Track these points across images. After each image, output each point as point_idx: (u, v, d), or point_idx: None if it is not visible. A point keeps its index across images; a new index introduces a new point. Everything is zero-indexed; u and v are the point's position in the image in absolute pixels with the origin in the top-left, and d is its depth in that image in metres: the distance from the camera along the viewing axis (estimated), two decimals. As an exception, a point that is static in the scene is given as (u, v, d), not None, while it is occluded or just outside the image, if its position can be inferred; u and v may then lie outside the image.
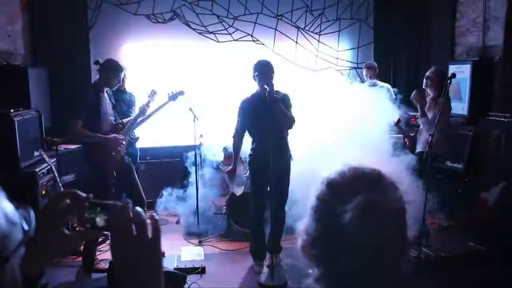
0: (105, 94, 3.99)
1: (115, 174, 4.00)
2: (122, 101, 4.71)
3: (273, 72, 3.94)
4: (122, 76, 4.20)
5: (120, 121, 4.10)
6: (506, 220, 4.22)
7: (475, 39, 5.58)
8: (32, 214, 0.73)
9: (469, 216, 4.80)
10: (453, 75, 4.03)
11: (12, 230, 0.67)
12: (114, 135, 3.96)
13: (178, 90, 4.45)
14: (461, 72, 5.28)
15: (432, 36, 6.37)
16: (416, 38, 6.61)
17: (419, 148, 4.51)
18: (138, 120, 4.24)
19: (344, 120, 4.74)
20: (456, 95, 5.53)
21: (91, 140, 3.87)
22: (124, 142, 4.03)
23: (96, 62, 3.97)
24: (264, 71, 3.92)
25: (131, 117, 4.28)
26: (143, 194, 4.27)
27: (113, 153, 3.94)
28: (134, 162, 4.79)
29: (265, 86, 3.78)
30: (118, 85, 4.17)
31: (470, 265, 4.00)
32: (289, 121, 3.96)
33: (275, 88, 3.89)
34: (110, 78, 3.93)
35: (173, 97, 4.43)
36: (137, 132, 4.66)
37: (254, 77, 3.97)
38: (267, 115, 3.84)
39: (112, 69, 3.93)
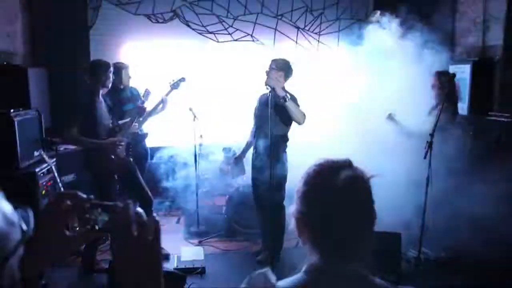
0: (101, 98, 3.97)
1: (116, 177, 4.01)
2: (126, 99, 4.67)
3: (273, 71, 3.91)
4: (111, 73, 4.03)
5: (117, 124, 4.09)
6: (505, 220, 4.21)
7: (475, 39, 5.58)
8: (31, 214, 0.73)
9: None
10: (453, 75, 4.01)
11: (11, 231, 0.67)
12: (110, 139, 3.95)
13: (179, 77, 4.44)
14: (461, 72, 5.28)
15: (431, 36, 6.35)
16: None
17: None
18: (136, 121, 4.21)
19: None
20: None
21: (87, 146, 3.89)
22: (122, 144, 4.01)
23: (83, 69, 3.97)
24: (266, 71, 3.91)
25: (127, 120, 4.23)
26: (149, 194, 4.26)
27: (112, 156, 3.93)
28: (145, 160, 4.77)
29: (266, 86, 3.79)
30: (111, 83, 4.06)
31: (470, 265, 3.99)
32: (300, 117, 3.91)
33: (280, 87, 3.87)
34: (102, 77, 3.89)
35: (175, 85, 4.41)
36: (145, 128, 4.64)
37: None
38: (267, 115, 3.83)
39: (100, 68, 3.90)
